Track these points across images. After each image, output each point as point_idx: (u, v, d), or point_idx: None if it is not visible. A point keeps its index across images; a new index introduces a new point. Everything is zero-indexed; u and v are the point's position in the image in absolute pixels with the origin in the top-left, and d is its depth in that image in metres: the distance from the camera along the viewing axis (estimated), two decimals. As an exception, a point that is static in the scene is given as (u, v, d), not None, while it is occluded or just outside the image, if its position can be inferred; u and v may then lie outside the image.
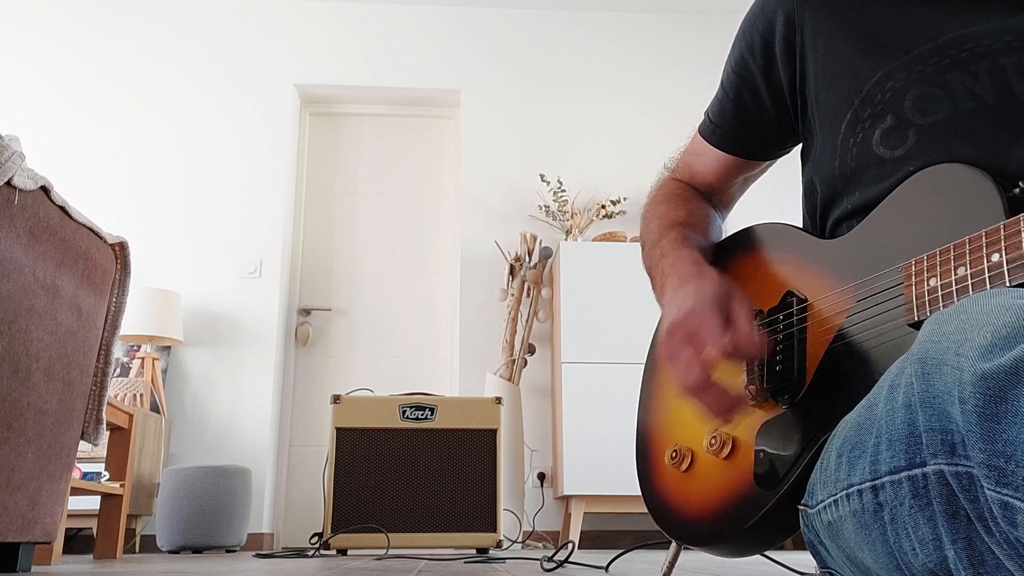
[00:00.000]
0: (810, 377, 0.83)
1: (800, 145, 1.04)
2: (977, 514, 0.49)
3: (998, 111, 0.77)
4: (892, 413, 0.58)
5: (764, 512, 0.83)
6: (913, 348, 0.55)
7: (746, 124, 1.03)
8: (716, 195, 1.13)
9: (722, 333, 0.81)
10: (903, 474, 0.56)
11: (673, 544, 1.12)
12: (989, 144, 0.76)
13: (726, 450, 0.90)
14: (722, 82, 1.02)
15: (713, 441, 0.92)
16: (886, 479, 0.58)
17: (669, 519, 0.99)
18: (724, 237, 1.07)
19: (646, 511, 1.04)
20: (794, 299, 0.88)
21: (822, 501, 0.70)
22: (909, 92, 0.81)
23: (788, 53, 0.93)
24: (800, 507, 0.77)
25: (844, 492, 0.65)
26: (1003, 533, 0.47)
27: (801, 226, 0.99)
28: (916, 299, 0.72)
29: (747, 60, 0.97)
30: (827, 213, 0.92)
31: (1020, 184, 0.70)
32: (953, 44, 0.80)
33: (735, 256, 1.01)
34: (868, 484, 0.61)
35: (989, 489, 0.46)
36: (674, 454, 0.98)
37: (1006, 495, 0.44)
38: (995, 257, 0.64)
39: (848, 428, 0.67)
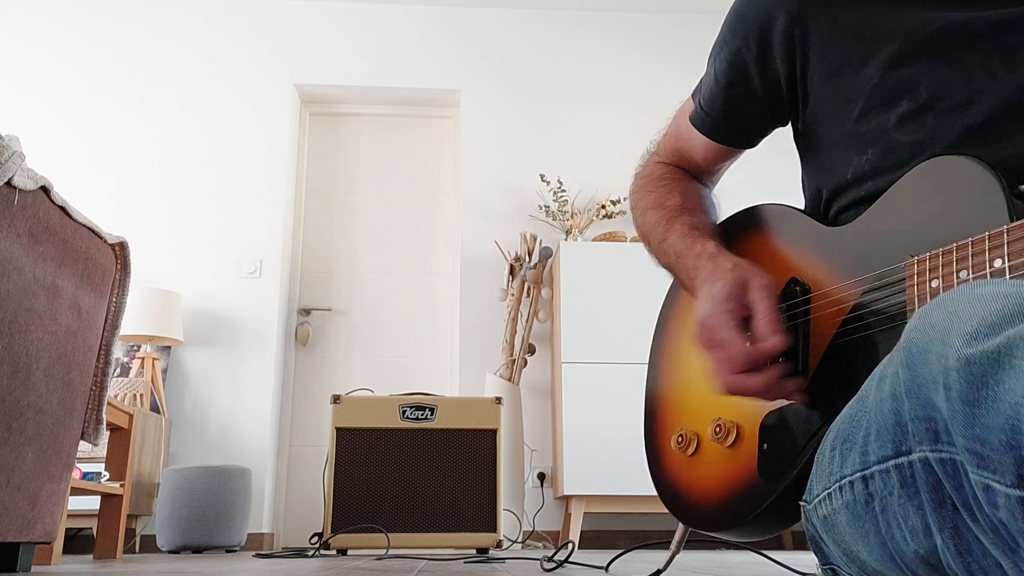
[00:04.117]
0: (814, 368, 0.83)
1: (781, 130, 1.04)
2: (963, 501, 0.49)
3: (1013, 86, 0.77)
4: (880, 404, 0.58)
5: (767, 504, 0.84)
6: (901, 339, 0.56)
7: (736, 114, 1.02)
8: (704, 175, 1.13)
9: (739, 336, 0.81)
10: (891, 463, 0.57)
11: (680, 525, 1.13)
12: (1007, 121, 0.76)
13: (731, 438, 0.90)
14: (714, 72, 1.01)
15: (718, 428, 0.92)
16: (875, 469, 0.59)
17: (676, 502, 1.00)
18: (729, 216, 1.07)
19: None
20: (798, 287, 0.88)
21: (818, 495, 0.71)
22: (924, 75, 0.80)
23: (788, 46, 0.92)
24: (801, 503, 0.77)
25: (837, 484, 0.66)
26: (987, 518, 0.47)
27: (805, 209, 0.98)
28: (918, 300, 0.72)
29: (741, 50, 0.96)
30: (834, 199, 0.91)
31: None
32: (958, 25, 0.80)
33: (740, 237, 1.01)
34: (859, 475, 0.62)
35: (973, 473, 0.46)
36: (680, 439, 0.99)
37: (987, 478, 0.45)
38: (998, 263, 0.64)
39: (841, 421, 0.68)
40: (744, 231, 1.00)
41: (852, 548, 0.66)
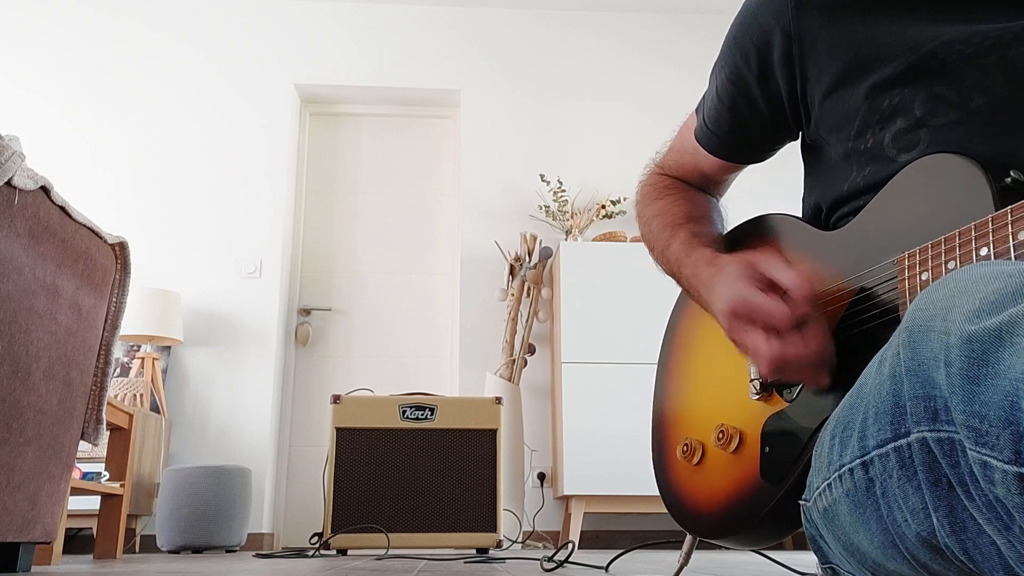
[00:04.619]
0: None
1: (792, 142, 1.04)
2: (958, 479, 0.50)
3: (1011, 104, 0.76)
4: (879, 386, 0.58)
5: (771, 507, 0.84)
6: (903, 320, 0.56)
7: (741, 132, 1.02)
8: (711, 187, 1.14)
9: (774, 299, 0.79)
10: (889, 446, 0.57)
11: (688, 536, 1.13)
12: (1003, 139, 0.76)
13: (733, 444, 0.91)
14: (716, 90, 1.01)
15: (721, 435, 0.92)
16: (874, 453, 0.59)
17: (683, 513, 1.01)
18: (732, 227, 1.07)
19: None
20: None
21: (818, 488, 0.71)
22: (919, 94, 0.80)
23: (787, 64, 0.92)
24: (801, 502, 0.77)
25: (837, 474, 0.66)
26: (983, 495, 0.47)
27: (804, 217, 0.99)
28: (909, 293, 0.73)
29: (742, 70, 0.96)
30: (832, 212, 0.92)
31: (1012, 174, 0.70)
32: (959, 40, 0.80)
33: (744, 246, 1.01)
34: (858, 461, 0.62)
35: (971, 449, 0.47)
36: (685, 448, 1.00)
37: (985, 454, 0.45)
38: (983, 251, 0.65)
39: (840, 409, 0.68)
40: (747, 240, 1.01)
41: (852, 539, 0.66)
